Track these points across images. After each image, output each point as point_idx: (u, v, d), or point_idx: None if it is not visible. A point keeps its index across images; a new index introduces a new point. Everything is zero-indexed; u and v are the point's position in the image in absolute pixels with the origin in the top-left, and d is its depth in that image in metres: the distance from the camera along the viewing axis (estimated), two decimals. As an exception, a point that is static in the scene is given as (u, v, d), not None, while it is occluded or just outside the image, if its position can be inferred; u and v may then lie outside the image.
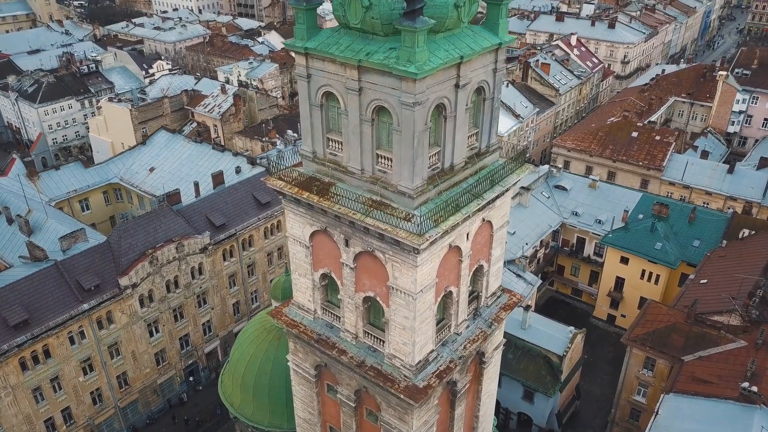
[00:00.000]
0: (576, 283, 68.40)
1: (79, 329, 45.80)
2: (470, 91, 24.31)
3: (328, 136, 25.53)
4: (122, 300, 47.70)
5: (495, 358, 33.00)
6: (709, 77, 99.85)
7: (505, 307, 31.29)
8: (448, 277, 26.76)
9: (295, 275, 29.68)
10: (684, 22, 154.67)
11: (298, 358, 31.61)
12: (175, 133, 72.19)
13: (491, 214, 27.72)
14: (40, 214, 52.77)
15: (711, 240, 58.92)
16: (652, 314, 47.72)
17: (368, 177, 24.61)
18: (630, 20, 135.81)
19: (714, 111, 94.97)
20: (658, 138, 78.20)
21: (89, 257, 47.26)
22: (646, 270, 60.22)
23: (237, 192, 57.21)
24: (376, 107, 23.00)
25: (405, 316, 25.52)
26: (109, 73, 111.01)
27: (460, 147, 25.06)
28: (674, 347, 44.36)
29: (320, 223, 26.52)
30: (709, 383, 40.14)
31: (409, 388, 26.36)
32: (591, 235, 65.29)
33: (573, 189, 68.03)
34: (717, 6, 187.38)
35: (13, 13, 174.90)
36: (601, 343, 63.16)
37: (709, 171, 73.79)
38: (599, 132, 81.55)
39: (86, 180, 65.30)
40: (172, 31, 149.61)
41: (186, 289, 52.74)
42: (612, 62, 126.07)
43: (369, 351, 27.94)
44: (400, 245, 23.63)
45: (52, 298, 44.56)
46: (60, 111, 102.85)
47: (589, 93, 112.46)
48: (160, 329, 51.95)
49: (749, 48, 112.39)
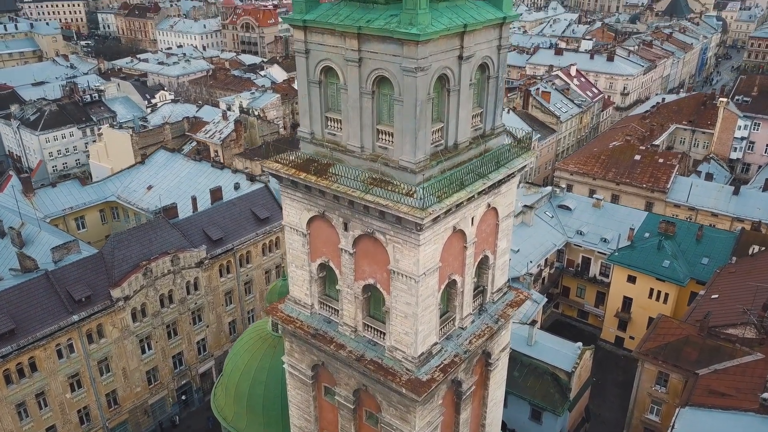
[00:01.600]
0: (582, 304, 66.56)
1: (67, 342, 44.03)
2: (474, 66, 23.58)
3: (327, 115, 24.74)
4: (114, 313, 46.06)
5: (502, 360, 31.37)
6: (709, 105, 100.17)
7: (512, 303, 29.86)
8: (452, 264, 25.48)
9: (292, 268, 28.38)
10: (681, 57, 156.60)
11: (294, 359, 30.00)
12: (175, 152, 71.58)
13: (497, 200, 26.64)
14: (33, 228, 51.60)
15: (720, 257, 57.46)
16: (663, 328, 45.93)
17: (368, 155, 23.66)
18: (628, 54, 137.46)
19: (716, 137, 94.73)
20: (662, 161, 77.58)
21: (81, 268, 45.87)
22: (654, 288, 58.56)
23: (235, 207, 56.17)
24: (377, 78, 22.23)
25: (407, 302, 24.13)
26: (111, 102, 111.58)
27: (464, 125, 24.18)
28: (688, 361, 42.45)
29: (318, 207, 25.43)
30: (727, 396, 38.14)
31: (412, 381, 24.75)
32: (596, 254, 63.84)
33: (577, 208, 66.94)
34: (713, 44, 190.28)
35: (20, 50, 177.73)
36: (609, 366, 60.96)
37: (714, 193, 72.85)
38: (602, 155, 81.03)
39: (83, 198, 64.31)
40: (175, 66, 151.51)
41: (180, 305, 51.09)
42: (611, 94, 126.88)
43: (369, 345, 26.43)
44: (402, 223, 22.48)
45: (41, 308, 42.99)
46: (61, 138, 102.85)
47: (589, 122, 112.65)
48: (153, 346, 50.07)
49: (748, 76, 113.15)
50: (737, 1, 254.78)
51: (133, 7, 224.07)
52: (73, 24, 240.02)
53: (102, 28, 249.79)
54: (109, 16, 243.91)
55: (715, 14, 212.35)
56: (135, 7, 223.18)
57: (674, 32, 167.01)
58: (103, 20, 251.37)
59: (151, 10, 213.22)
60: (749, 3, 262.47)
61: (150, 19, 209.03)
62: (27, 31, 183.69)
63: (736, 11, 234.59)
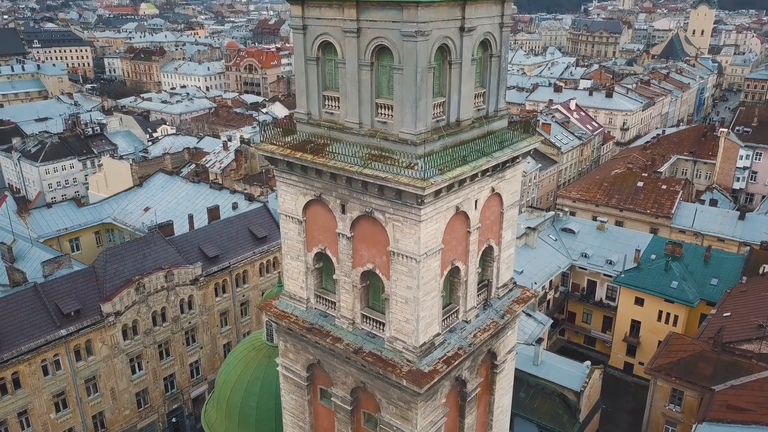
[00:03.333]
0: (588, 330, 64.55)
1: (54, 358, 42.18)
2: (476, 41, 22.97)
3: (325, 93, 23.98)
4: (104, 329, 44.35)
5: (508, 364, 29.68)
6: (710, 136, 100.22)
7: (518, 300, 28.43)
8: (455, 249, 24.26)
9: (287, 260, 27.15)
10: (679, 96, 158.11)
11: (288, 360, 28.39)
12: (173, 174, 71.01)
13: (501, 186, 25.63)
14: (25, 244, 50.43)
15: (730, 278, 55.93)
16: (674, 345, 44.13)
17: (367, 130, 22.80)
18: (627, 92, 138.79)
19: (718, 167, 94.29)
20: (665, 187, 76.86)
21: (71, 281, 44.44)
22: (663, 311, 56.79)
23: (233, 225, 55.08)
24: (376, 48, 21.58)
25: (407, 286, 22.80)
26: (113, 136, 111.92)
27: (466, 102, 23.40)
28: (703, 377, 40.52)
29: (314, 189, 24.42)
30: (746, 411, 36.11)
31: (413, 372, 23.16)
32: (602, 277, 62.29)
33: (581, 231, 65.76)
34: (710, 85, 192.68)
35: (26, 90, 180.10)
36: (619, 393, 58.56)
37: (720, 218, 71.78)
38: (604, 182, 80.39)
39: (78, 219, 63.28)
40: (178, 104, 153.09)
41: (174, 323, 49.35)
42: (611, 129, 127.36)
43: (367, 337, 24.94)
44: (402, 197, 21.41)
45: (28, 321, 41.36)
46: (61, 170, 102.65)
47: (590, 155, 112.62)
48: (144, 366, 48.08)
49: (748, 107, 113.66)
50: (731, 47, 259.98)
51: (138, 51, 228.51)
52: (80, 69, 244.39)
53: (108, 72, 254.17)
54: (115, 60, 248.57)
55: (710, 57, 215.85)
56: (141, 51, 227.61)
57: (671, 72, 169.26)
58: (109, 64, 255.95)
59: (156, 53, 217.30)
60: (743, 48, 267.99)
61: (155, 62, 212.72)
62: (34, 72, 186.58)
63: (731, 56, 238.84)
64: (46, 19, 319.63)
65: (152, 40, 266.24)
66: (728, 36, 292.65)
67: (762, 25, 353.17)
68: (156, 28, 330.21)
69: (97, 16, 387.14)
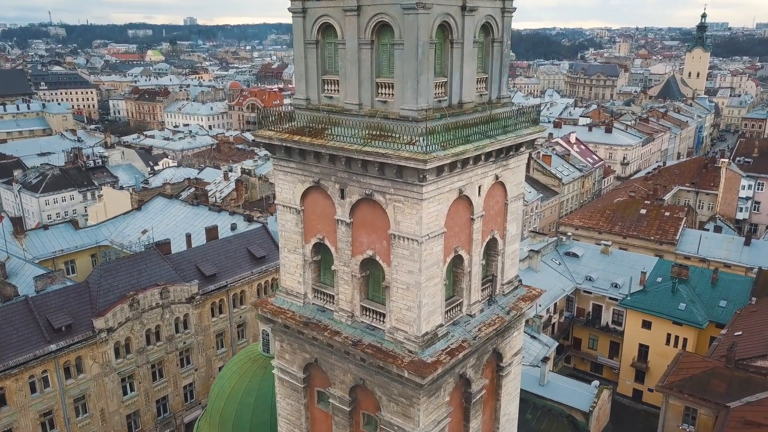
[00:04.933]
0: (595, 356, 62.73)
1: (42, 374, 40.67)
2: (477, 23, 22.74)
3: (324, 78, 23.63)
4: (95, 345, 42.96)
5: (514, 367, 28.37)
6: (711, 168, 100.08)
7: (524, 298, 27.39)
8: (458, 236, 23.42)
9: (284, 253, 26.27)
10: (678, 133, 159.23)
11: (284, 361, 27.14)
12: (173, 198, 70.47)
13: (505, 175, 25.00)
14: (18, 262, 49.45)
15: (739, 299, 54.62)
16: (685, 363, 42.60)
17: (367, 110, 22.31)
18: (626, 128, 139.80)
19: (720, 198, 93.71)
20: (668, 214, 76.18)
21: (64, 296, 43.33)
22: (672, 334, 55.27)
23: (231, 244, 54.20)
24: (377, 25, 21.31)
25: (409, 270, 21.88)
26: (114, 169, 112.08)
27: (469, 84, 23.01)
28: (717, 393, 38.89)
29: (313, 175, 23.80)
30: (764, 426, 34.44)
31: (415, 363, 21.98)
32: (607, 301, 60.94)
33: (585, 255, 64.76)
34: (707, 124, 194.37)
35: (30, 128, 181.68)
36: (629, 421, 56.35)
37: (725, 244, 70.85)
38: (606, 210, 79.79)
39: (75, 241, 62.43)
40: (180, 141, 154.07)
41: (168, 343, 47.91)
42: (612, 163, 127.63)
43: (367, 330, 23.86)
44: (404, 175, 20.76)
45: (17, 335, 40.06)
46: (61, 201, 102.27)
47: (591, 188, 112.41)
48: (136, 387, 46.41)
49: (747, 139, 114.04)
50: (727, 89, 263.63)
51: (143, 92, 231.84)
52: (85, 110, 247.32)
53: (113, 113, 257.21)
54: (120, 102, 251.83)
55: (707, 97, 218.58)
56: (145, 91, 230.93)
57: (669, 111, 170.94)
58: (114, 106, 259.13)
59: (160, 94, 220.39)
60: (738, 91, 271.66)
61: (159, 102, 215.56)
62: (39, 111, 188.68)
63: (727, 98, 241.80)
64: (53, 62, 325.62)
65: (157, 84, 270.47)
66: (723, 79, 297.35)
67: (756, 70, 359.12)
68: (161, 72, 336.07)
69: (104, 61, 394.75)
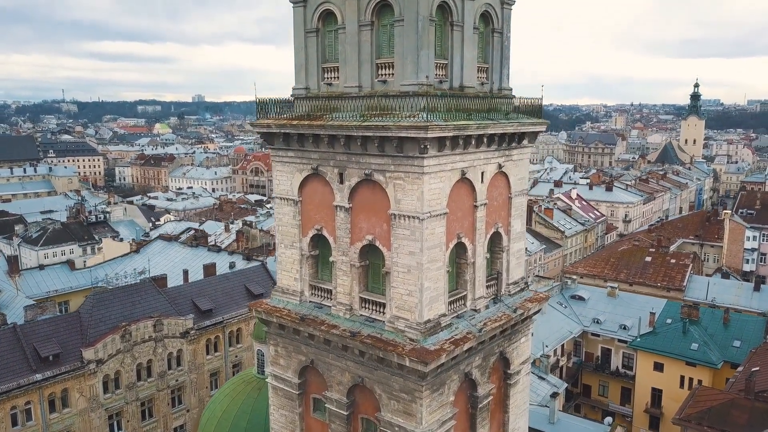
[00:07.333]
0: (606, 404, 59.81)
1: (25, 405, 38.63)
2: (477, 10, 23.00)
3: (324, 66, 23.65)
4: (83, 377, 41.06)
5: (522, 377, 26.84)
6: (713, 221, 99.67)
7: (531, 299, 26.23)
8: (461, 222, 22.69)
9: (280, 249, 25.51)
10: (678, 194, 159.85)
11: (278, 367, 25.74)
12: (172, 240, 69.66)
13: (508, 166, 24.58)
14: (11, 294, 48.19)
15: (754, 339, 52.69)
16: (702, 396, 40.39)
17: (367, 91, 22.13)
18: (626, 187, 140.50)
19: (726, 249, 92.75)
20: (674, 261, 74.98)
21: (53, 325, 41.88)
22: (686, 376, 52.93)
23: (229, 281, 53.02)
24: (377, 5, 21.48)
25: (410, 251, 21.02)
26: (116, 224, 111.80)
27: (469, 68, 23.01)
28: (737, 425, 36.58)
29: (311, 162, 23.38)
30: (792, 455, 32.15)
31: (417, 350, 20.68)
32: (616, 344, 58.81)
33: (591, 298, 63.16)
34: (707, 187, 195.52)
35: (36, 191, 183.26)
36: (645, 471, 53.14)
37: (734, 289, 69.33)
38: (611, 258, 78.73)
39: (70, 282, 61.24)
40: (183, 201, 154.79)
41: (159, 379, 45.86)
42: (614, 221, 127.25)
43: (366, 323, 22.68)
44: (404, 149, 20.34)
45: (1, 362, 38.35)
46: (60, 255, 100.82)
47: (594, 242, 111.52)
48: (123, 425, 44.00)
49: (748, 192, 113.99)
50: (724, 156, 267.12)
51: (149, 157, 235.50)
52: (92, 177, 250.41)
53: (118, 180, 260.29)
54: (126, 168, 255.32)
55: (704, 161, 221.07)
56: (151, 157, 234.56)
57: (668, 173, 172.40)
58: (119, 173, 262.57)
59: (166, 159, 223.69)
60: (735, 158, 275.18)
61: (164, 167, 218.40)
62: (45, 174, 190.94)
63: (725, 164, 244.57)
64: (63, 131, 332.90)
65: (164, 152, 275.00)
66: (720, 147, 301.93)
67: (751, 140, 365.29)
68: (168, 142, 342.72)
69: (112, 132, 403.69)
